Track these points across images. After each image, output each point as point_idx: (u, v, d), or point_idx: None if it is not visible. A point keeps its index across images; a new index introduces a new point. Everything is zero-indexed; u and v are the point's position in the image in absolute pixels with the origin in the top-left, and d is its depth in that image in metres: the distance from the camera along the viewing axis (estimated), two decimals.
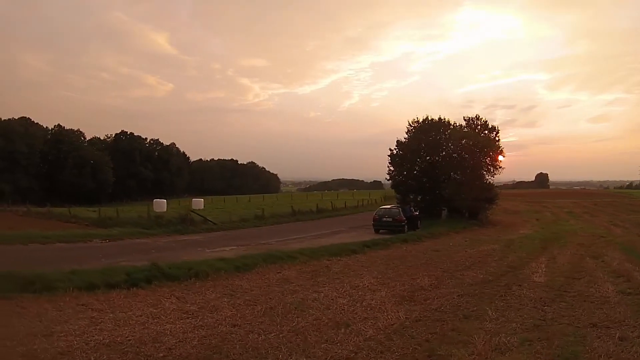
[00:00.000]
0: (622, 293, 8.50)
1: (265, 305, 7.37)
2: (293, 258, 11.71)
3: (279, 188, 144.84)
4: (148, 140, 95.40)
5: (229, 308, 7.25)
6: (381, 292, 8.47)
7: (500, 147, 28.24)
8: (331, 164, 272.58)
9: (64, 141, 76.75)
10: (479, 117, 28.70)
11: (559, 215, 35.64)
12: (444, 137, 27.86)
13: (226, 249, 14.06)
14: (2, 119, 70.86)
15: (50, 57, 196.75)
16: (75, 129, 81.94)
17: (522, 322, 6.65)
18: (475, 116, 28.65)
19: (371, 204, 42.09)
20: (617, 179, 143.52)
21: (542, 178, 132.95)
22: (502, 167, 27.91)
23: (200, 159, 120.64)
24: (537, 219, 32.08)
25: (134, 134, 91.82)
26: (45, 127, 78.31)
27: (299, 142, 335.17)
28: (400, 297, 8.08)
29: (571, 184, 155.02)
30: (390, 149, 28.09)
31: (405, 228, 20.39)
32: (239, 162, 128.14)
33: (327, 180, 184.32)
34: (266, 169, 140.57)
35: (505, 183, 73.87)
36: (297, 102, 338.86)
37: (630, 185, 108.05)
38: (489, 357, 5.23)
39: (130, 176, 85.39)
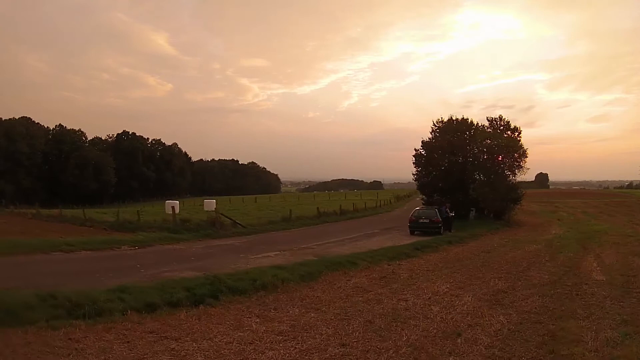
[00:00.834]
0: None
1: (360, 318, 6.84)
2: (354, 264, 11.12)
3: (280, 188, 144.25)
4: (150, 141, 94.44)
5: (324, 325, 6.54)
6: (464, 297, 8.34)
7: (524, 148, 27.82)
8: (330, 164, 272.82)
9: (65, 141, 75.70)
10: (501, 117, 28.25)
11: (576, 216, 35.39)
12: (469, 137, 27.37)
13: (270, 254, 13.32)
14: (2, 119, 69.59)
15: (50, 58, 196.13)
16: (76, 129, 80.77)
17: (612, 318, 6.93)
18: (499, 117, 28.20)
19: (386, 204, 41.50)
20: (615, 178, 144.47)
21: (541, 178, 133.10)
22: (527, 167, 27.48)
23: (201, 159, 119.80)
24: (558, 219, 31.84)
25: (136, 134, 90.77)
26: (47, 127, 77.15)
27: (298, 142, 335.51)
28: (487, 301, 8.06)
29: (570, 183, 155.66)
30: (415, 149, 27.90)
31: (442, 229, 19.90)
32: (239, 162, 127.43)
33: (326, 181, 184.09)
34: (267, 169, 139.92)
35: None
36: (296, 102, 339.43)
37: (630, 185, 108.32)
38: (604, 352, 5.44)
39: (133, 177, 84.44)
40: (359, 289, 8.94)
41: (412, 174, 28.61)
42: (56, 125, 78.15)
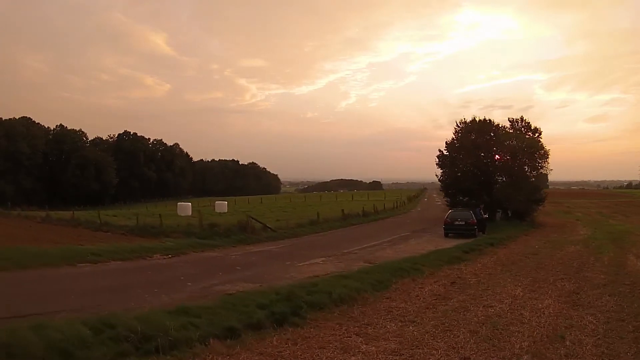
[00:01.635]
0: None
1: (462, 329, 6.54)
2: (417, 270, 10.69)
3: (280, 189, 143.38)
4: (151, 141, 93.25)
5: (431, 338, 6.07)
6: (543, 299, 8.41)
7: (545, 149, 27.60)
8: (329, 165, 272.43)
9: (66, 141, 74.55)
10: (523, 118, 28.14)
11: (592, 216, 35.36)
12: (493, 138, 27.08)
13: (317, 261, 12.75)
14: (3, 119, 68.35)
15: (49, 58, 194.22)
16: (77, 129, 79.56)
17: None
18: (520, 117, 28.08)
19: (401, 205, 41.09)
20: (614, 178, 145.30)
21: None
22: (550, 168, 27.28)
23: (202, 160, 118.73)
24: (577, 220, 31.69)
25: (137, 134, 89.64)
26: (47, 127, 75.89)
27: (297, 142, 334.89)
28: (566, 303, 8.19)
29: (569, 184, 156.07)
30: (439, 150, 27.83)
31: (477, 231, 19.49)
32: (240, 162, 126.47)
33: (325, 181, 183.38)
34: (267, 170, 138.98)
35: None
36: (294, 103, 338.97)
37: (629, 185, 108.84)
38: None
39: (134, 177, 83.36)
40: (437, 296, 8.58)
41: (436, 175, 28.65)
42: (57, 126, 77.00)
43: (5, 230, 19.49)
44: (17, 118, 70.76)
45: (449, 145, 27.26)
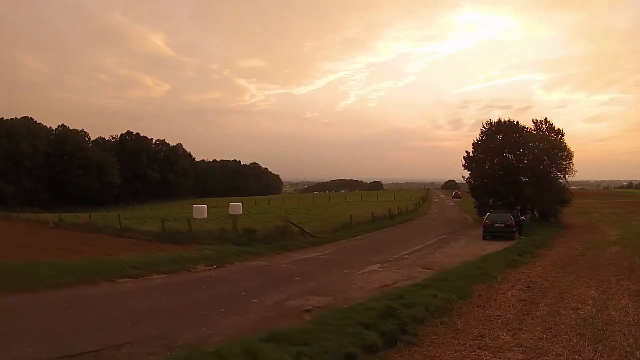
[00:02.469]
0: None
1: (569, 333, 6.53)
2: (487, 275, 10.48)
3: (281, 189, 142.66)
4: (154, 141, 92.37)
5: (550, 346, 6.01)
6: (620, 300, 8.47)
7: (569, 150, 27.51)
8: (328, 165, 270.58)
9: (68, 142, 73.54)
10: (546, 119, 28.02)
11: (609, 217, 35.36)
12: (519, 139, 26.93)
13: (374, 268, 12.30)
14: (4, 119, 67.27)
15: (49, 58, 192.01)
16: (79, 129, 78.56)
17: None
18: (544, 119, 27.95)
19: (419, 206, 41.04)
20: (613, 178, 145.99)
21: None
22: (575, 169, 27.16)
23: (203, 160, 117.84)
24: (598, 220, 31.64)
25: (140, 135, 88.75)
26: (49, 127, 74.85)
27: (296, 143, 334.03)
28: None
29: (568, 183, 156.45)
30: (466, 152, 27.71)
31: (515, 234, 19.22)
32: (241, 162, 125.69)
33: (325, 181, 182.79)
34: (268, 170, 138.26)
35: None
36: (293, 103, 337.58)
37: (630, 185, 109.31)
38: None
39: (136, 177, 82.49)
40: (524, 302, 8.40)
41: (462, 177, 28.65)
42: (59, 126, 75.87)
43: (20, 238, 17.43)
44: (18, 118, 69.68)
45: (476, 146, 27.06)
